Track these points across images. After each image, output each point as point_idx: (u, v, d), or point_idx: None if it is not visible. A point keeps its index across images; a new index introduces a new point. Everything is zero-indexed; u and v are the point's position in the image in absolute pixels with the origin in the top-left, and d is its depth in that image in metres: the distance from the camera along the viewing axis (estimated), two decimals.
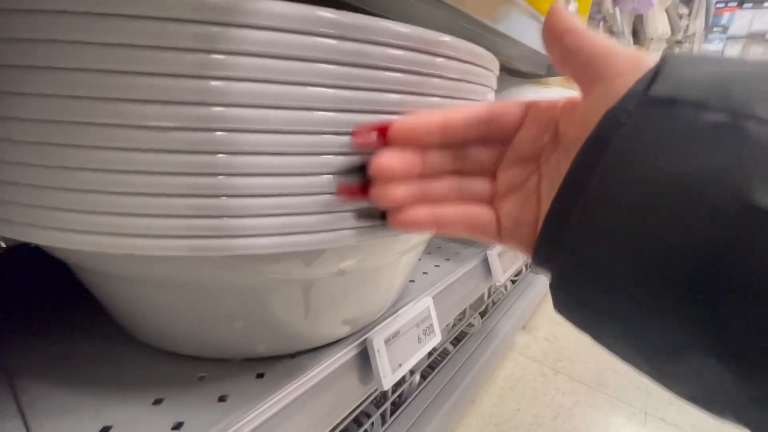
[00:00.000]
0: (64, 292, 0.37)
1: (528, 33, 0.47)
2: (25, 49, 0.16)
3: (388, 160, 0.19)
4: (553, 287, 0.17)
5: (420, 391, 0.54)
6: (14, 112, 0.17)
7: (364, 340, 0.32)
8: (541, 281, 0.94)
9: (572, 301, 0.16)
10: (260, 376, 0.27)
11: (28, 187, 0.18)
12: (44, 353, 0.29)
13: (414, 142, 0.19)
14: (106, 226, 0.18)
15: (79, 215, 0.18)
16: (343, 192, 0.20)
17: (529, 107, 0.19)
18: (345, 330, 0.32)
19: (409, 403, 0.52)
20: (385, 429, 0.48)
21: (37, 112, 0.17)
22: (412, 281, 0.42)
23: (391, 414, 0.49)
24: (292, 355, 0.29)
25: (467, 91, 0.24)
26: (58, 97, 0.16)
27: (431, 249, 0.50)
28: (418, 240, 0.31)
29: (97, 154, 0.17)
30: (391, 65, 0.19)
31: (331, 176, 0.19)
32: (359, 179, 0.20)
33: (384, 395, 0.48)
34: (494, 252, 0.50)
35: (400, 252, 0.30)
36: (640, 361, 0.15)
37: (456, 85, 0.23)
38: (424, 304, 0.37)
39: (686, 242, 0.12)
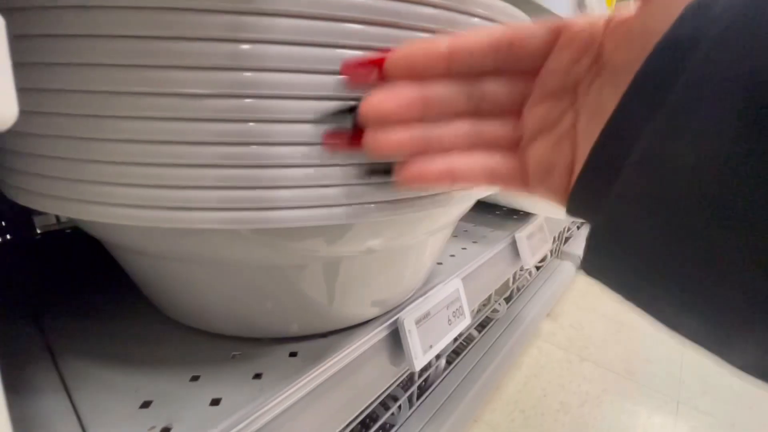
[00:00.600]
0: (101, 275, 0.38)
1: (561, 5, 0.45)
2: (55, 18, 0.16)
3: (379, 98, 0.16)
4: (593, 239, 0.14)
5: (446, 376, 0.54)
6: (47, 84, 0.17)
7: (395, 321, 0.31)
8: (566, 268, 0.92)
9: (617, 256, 0.13)
10: (293, 354, 0.27)
11: (60, 160, 0.18)
12: (85, 333, 0.29)
13: (414, 75, 0.16)
14: (137, 198, 0.17)
15: (110, 188, 0.17)
16: (329, 141, 0.17)
17: (561, 29, 0.15)
18: (375, 310, 0.31)
19: (436, 388, 0.52)
20: (412, 412, 0.48)
21: (68, 82, 0.16)
22: (440, 264, 0.41)
23: (418, 398, 0.49)
24: (324, 335, 0.29)
25: None
26: (89, 66, 0.16)
27: (458, 232, 0.50)
28: (446, 220, 0.30)
29: (128, 124, 0.17)
30: (425, 25, 0.18)
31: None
32: (352, 127, 0.17)
33: (411, 379, 0.47)
34: (523, 234, 0.49)
35: (429, 231, 0.29)
36: (697, 327, 0.12)
37: None
38: (454, 285, 0.37)
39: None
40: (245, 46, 0.16)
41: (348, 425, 0.40)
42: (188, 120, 0.16)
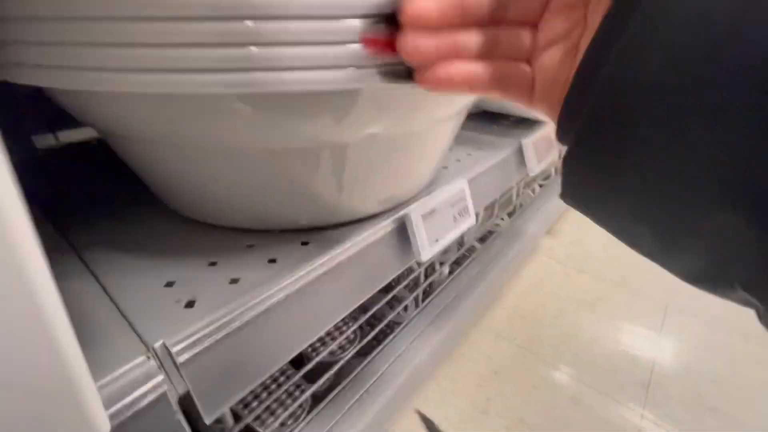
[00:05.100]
0: (112, 183, 0.39)
1: None
2: None
3: (424, 3, 0.16)
4: (573, 151, 0.15)
5: (449, 282, 0.57)
6: None
7: (403, 215, 0.32)
8: None
9: (591, 165, 0.15)
10: (305, 244, 0.29)
11: (39, 21, 0.16)
12: (104, 231, 0.30)
13: None
14: (126, 59, 0.16)
15: (93, 49, 0.16)
16: (368, 43, 0.17)
17: None
18: (383, 206, 0.32)
19: (439, 293, 0.55)
20: (417, 313, 0.51)
21: None
22: (445, 168, 0.41)
23: (423, 300, 0.52)
24: (335, 227, 0.30)
25: None
26: None
27: (463, 140, 0.49)
28: (448, 111, 0.29)
29: None
30: None
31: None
32: (387, 31, 0.17)
33: (416, 283, 0.50)
34: (529, 141, 0.48)
35: (431, 119, 0.28)
36: (649, 236, 0.15)
37: None
38: (459, 185, 0.37)
39: (736, 87, 0.11)
40: None
41: (356, 321, 0.43)
42: None
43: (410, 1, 0.16)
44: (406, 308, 0.50)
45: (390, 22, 0.17)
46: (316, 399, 0.39)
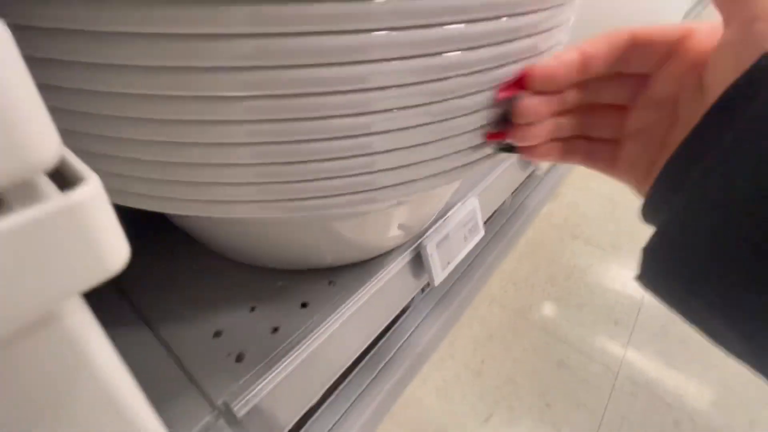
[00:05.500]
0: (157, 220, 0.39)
1: None
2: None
3: (533, 103, 0.19)
4: (653, 244, 0.15)
5: None
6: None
7: (419, 245, 0.34)
8: None
9: (672, 261, 0.15)
10: (332, 283, 0.31)
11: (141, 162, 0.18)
12: (151, 272, 0.32)
13: (554, 87, 0.19)
14: (188, 194, 0.18)
15: (186, 187, 0.18)
16: (492, 137, 0.21)
17: (685, 36, 0.16)
18: (402, 239, 0.34)
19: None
20: (424, 296, 0.56)
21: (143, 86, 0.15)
22: None
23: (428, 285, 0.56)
24: (357, 264, 0.33)
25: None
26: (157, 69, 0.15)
27: None
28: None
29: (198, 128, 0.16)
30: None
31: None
32: (502, 123, 0.21)
33: None
34: None
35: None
36: (736, 341, 0.14)
37: None
38: (470, 205, 0.39)
39: None
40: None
41: None
42: (228, 122, 0.16)
43: (522, 101, 0.19)
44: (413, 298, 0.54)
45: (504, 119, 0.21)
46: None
